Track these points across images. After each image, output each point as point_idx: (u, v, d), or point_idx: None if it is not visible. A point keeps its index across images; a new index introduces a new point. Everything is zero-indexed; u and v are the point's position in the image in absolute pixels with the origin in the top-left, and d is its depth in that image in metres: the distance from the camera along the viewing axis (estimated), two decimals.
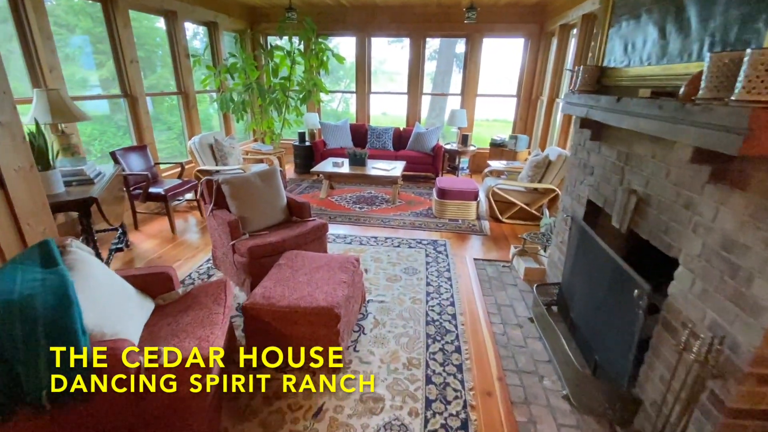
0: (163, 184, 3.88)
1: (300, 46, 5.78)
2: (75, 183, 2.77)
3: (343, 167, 4.93)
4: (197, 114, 5.05)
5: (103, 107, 7.82)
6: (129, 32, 3.84)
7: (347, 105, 14.50)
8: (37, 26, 2.96)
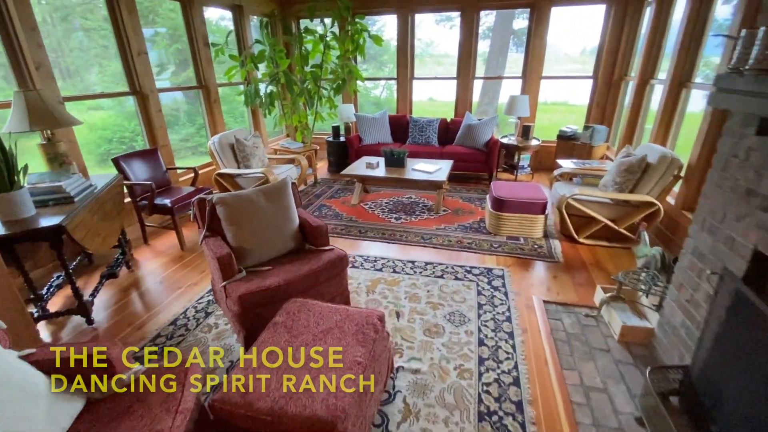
0: (174, 193, 3.42)
1: (334, 29, 5.09)
2: (51, 203, 2.33)
3: (377, 169, 4.21)
4: (219, 109, 4.58)
5: (130, 103, 7.51)
6: (135, 20, 3.37)
7: (391, 92, 13.70)
8: (18, 16, 2.53)
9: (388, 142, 5.41)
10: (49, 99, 2.48)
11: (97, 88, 3.72)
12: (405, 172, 4.05)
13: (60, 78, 4.69)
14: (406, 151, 4.19)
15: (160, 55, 5.95)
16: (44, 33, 2.75)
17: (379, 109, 10.99)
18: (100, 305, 2.57)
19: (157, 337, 2.25)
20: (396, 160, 4.18)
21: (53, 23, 4.26)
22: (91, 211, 2.39)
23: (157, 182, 3.48)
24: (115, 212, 2.77)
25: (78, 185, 2.47)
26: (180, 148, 9.64)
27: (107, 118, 10.41)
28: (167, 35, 5.29)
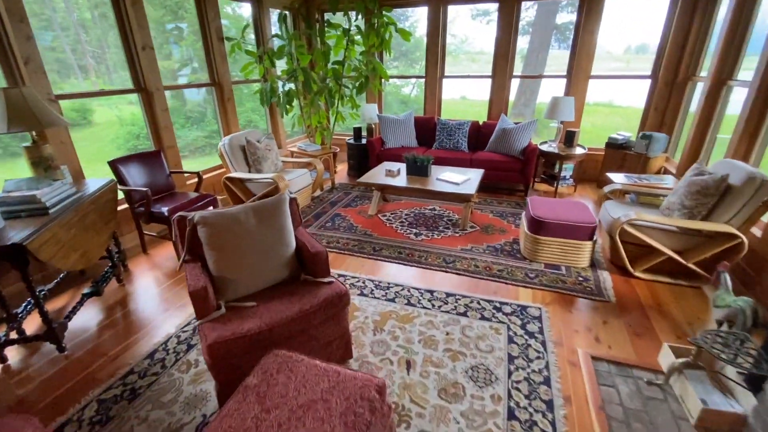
0: (175, 199, 3.16)
1: (359, 22, 4.70)
2: (24, 214, 2.08)
3: (398, 177, 3.79)
4: (233, 108, 4.31)
5: (191, 95, 7.40)
6: (140, 12, 3.12)
7: (422, 90, 13.20)
8: (4, 6, 2.30)
9: (413, 146, 4.97)
10: (31, 97, 2.23)
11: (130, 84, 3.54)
12: (429, 182, 3.60)
13: (102, 74, 4.64)
14: (431, 158, 3.74)
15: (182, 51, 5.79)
16: (85, 30, 2.53)
17: (407, 109, 10.51)
18: (79, 326, 2.32)
19: (129, 374, 1.95)
20: (419, 168, 3.74)
21: (95, 21, 4.14)
22: (67, 224, 2.12)
23: (159, 187, 3.23)
24: (102, 223, 2.51)
25: (58, 193, 2.22)
26: (205, 145, 9.60)
27: (138, 113, 10.46)
28: (192, 31, 5.10)
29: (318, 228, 3.60)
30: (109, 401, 1.79)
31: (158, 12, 8.43)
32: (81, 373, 1.97)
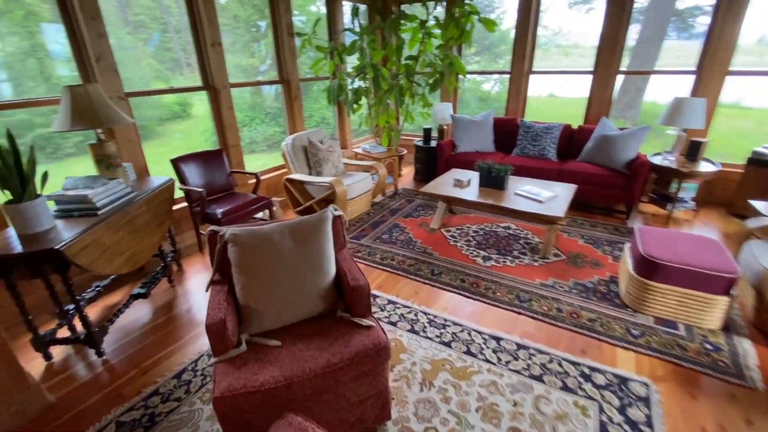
0: (232, 200, 3.08)
1: (437, 12, 4.25)
2: (76, 213, 2.06)
3: (468, 188, 3.30)
4: (300, 106, 4.18)
5: (269, 91, 7.76)
6: (210, 9, 3.06)
7: (504, 86, 12.22)
8: (79, 4, 2.33)
9: (489, 152, 4.40)
10: (96, 95, 2.22)
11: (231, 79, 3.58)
12: (505, 197, 3.06)
13: (192, 70, 4.94)
14: (509, 168, 3.18)
15: (261, 49, 5.90)
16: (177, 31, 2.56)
17: (486, 107, 9.73)
18: (124, 327, 2.29)
19: (153, 394, 1.81)
20: (494, 179, 3.21)
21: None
22: (113, 227, 2.06)
23: (218, 187, 3.18)
24: (156, 223, 2.46)
25: (111, 193, 2.18)
26: (280, 140, 9.95)
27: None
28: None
29: (373, 239, 3.28)
30: (126, 426, 1.66)
31: (247, 11, 8.86)
32: (111, 385, 1.89)
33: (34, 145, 1.88)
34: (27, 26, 6.67)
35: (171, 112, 11.79)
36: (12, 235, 1.81)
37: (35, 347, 1.98)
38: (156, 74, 9.34)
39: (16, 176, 1.75)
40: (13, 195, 1.78)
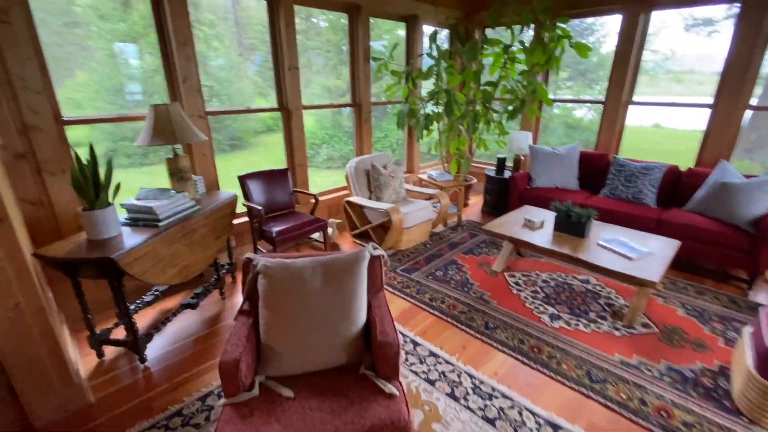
0: (290, 219, 3.10)
1: (523, 36, 3.96)
2: (141, 223, 2.19)
3: (540, 231, 2.90)
4: (369, 129, 4.15)
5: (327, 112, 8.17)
6: (291, 33, 3.19)
7: (599, 114, 11.10)
8: (173, 27, 2.56)
9: (571, 189, 3.90)
10: (175, 114, 2.39)
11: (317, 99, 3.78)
12: (585, 247, 2.62)
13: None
14: (593, 212, 2.73)
15: (347, 71, 6.13)
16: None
17: (576, 136, 8.99)
18: (168, 337, 2.36)
19: (176, 415, 1.79)
20: (573, 225, 2.78)
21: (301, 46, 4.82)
22: (169, 239, 2.15)
23: (280, 205, 3.24)
24: (213, 237, 2.55)
25: (175, 206, 2.30)
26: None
27: (310, 123, 11.87)
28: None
29: (425, 275, 3.05)
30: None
31: (338, 35, 9.37)
32: (143, 395, 1.92)
33: (112, 156, 2.05)
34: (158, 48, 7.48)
35: (265, 126, 12.86)
36: (83, 240, 1.97)
37: (90, 344, 2.12)
38: (259, 91, 10.43)
39: (91, 186, 1.91)
40: (87, 203, 1.94)
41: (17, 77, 2.05)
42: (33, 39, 2.13)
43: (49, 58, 2.23)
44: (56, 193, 2.33)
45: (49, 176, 2.28)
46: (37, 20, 2.15)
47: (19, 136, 2.12)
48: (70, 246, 1.90)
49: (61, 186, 2.33)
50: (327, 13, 5.45)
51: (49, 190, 2.30)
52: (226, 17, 7.91)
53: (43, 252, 1.83)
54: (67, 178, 2.34)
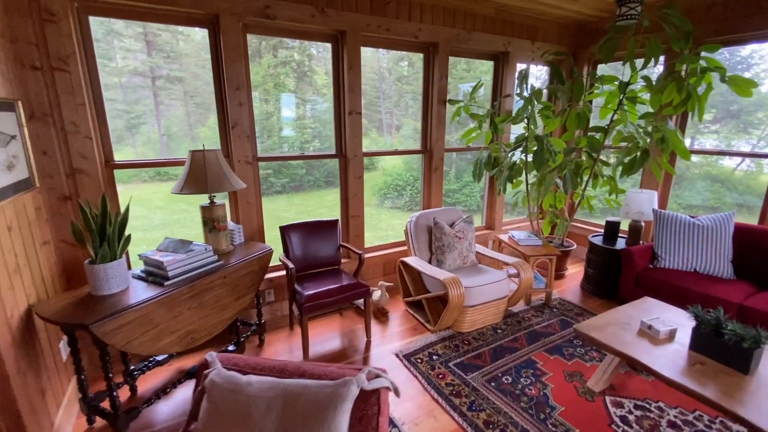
0: (329, 280, 2.69)
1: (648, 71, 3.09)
2: (151, 279, 1.99)
3: (666, 346, 1.93)
4: (440, 178, 3.62)
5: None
6: (355, 75, 2.92)
7: (761, 167, 8.59)
8: (227, 74, 2.47)
9: (721, 277, 2.73)
10: (211, 161, 2.23)
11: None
12: (748, 391, 1.60)
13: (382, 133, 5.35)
14: (766, 336, 1.69)
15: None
16: (376, 95, 2.66)
17: (724, 194, 7.51)
18: (159, 414, 2.06)
19: None
20: (726, 349, 1.76)
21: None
22: (169, 303, 1.88)
23: (323, 260, 2.87)
24: (233, 297, 2.25)
25: (193, 261, 2.06)
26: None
27: (398, 164, 11.75)
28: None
29: (486, 379, 2.27)
30: None
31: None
32: None
33: (129, 205, 1.91)
34: (273, 95, 8.29)
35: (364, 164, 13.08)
36: (84, 294, 1.82)
37: (81, 407, 1.92)
38: (365, 131, 10.78)
39: (96, 238, 1.75)
40: (93, 255, 1.79)
41: (69, 122, 2.08)
42: (92, 85, 2.19)
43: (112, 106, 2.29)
44: None
45: None
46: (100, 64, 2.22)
47: (66, 179, 2.14)
48: (66, 301, 1.75)
49: None
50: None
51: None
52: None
53: (38, 307, 1.70)
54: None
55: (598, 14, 3.64)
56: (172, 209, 7.68)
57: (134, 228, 6.94)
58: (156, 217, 7.37)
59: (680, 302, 2.64)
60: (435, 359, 2.48)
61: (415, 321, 3.01)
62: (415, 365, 2.42)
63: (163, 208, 7.70)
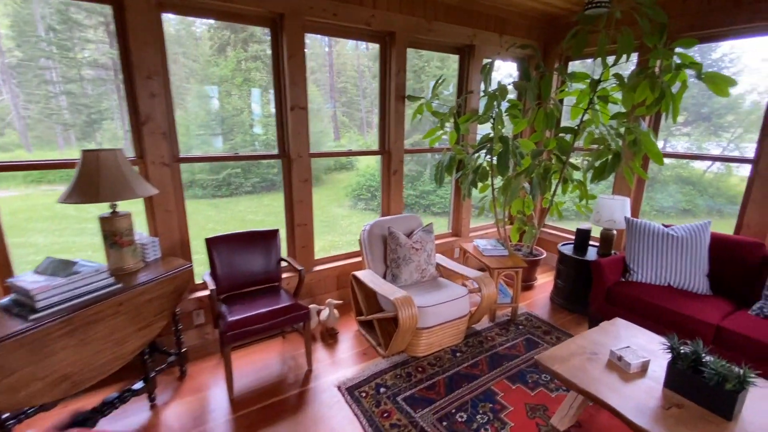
0: (261, 302, 2.33)
1: (621, 68, 2.85)
2: (16, 311, 1.59)
3: (637, 381, 1.66)
4: (399, 182, 3.31)
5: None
6: (298, 65, 2.57)
7: (729, 170, 8.67)
8: (135, 60, 2.07)
9: (696, 292, 2.52)
10: (107, 163, 1.83)
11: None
12: None
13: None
14: (751, 376, 1.44)
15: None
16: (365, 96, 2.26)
17: (694, 196, 7.58)
18: None
19: None
20: (705, 389, 1.50)
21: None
22: (39, 342, 1.49)
23: (260, 278, 2.50)
24: (132, 329, 1.86)
25: (78, 287, 1.67)
26: (414, 204, 9.36)
27: (373, 165, 11.36)
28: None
29: (437, 417, 1.97)
30: None
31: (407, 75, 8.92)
32: None
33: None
34: (244, 90, 7.96)
35: (339, 163, 12.74)
36: None
37: None
38: (346, 130, 10.63)
39: None
40: None
41: None
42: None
43: None
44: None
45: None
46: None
47: None
48: None
49: None
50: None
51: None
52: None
53: None
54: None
55: (569, 7, 3.40)
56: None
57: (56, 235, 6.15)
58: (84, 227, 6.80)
59: (654, 321, 2.41)
60: (382, 392, 2.16)
61: (367, 343, 2.68)
62: (358, 401, 2.09)
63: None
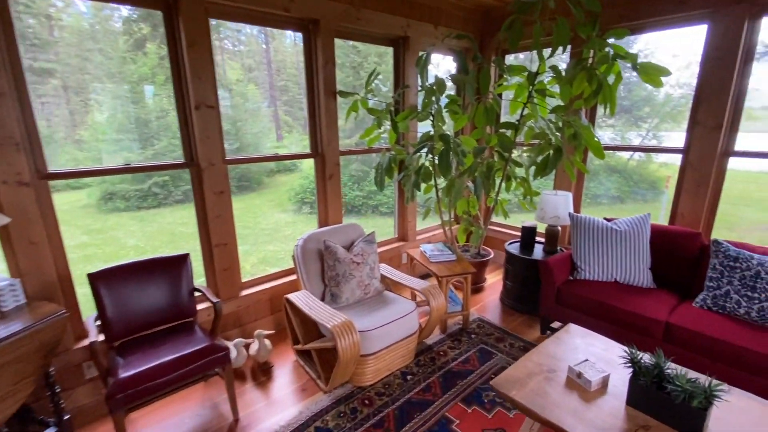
0: (168, 346, 1.90)
1: (558, 60, 2.77)
2: None
3: (599, 400, 1.51)
4: (337, 188, 2.99)
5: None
6: (200, 56, 2.15)
7: (650, 159, 9.39)
8: None
9: (642, 287, 2.49)
10: None
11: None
12: None
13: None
14: (717, 387, 1.33)
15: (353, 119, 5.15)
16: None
17: (624, 184, 7.87)
18: None
19: None
20: (669, 406, 1.37)
21: None
22: None
23: (168, 314, 2.06)
24: None
25: None
26: (362, 205, 9.04)
27: (311, 167, 10.86)
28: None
29: None
30: None
31: (344, 72, 8.58)
32: None
33: None
34: (166, 89, 6.93)
35: (282, 165, 11.95)
36: None
37: None
38: (288, 129, 9.92)
39: None
40: None
41: None
42: None
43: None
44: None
45: None
46: None
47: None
48: None
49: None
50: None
51: None
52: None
53: None
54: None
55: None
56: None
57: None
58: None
59: (606, 321, 2.33)
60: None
61: (307, 376, 2.34)
62: None
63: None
